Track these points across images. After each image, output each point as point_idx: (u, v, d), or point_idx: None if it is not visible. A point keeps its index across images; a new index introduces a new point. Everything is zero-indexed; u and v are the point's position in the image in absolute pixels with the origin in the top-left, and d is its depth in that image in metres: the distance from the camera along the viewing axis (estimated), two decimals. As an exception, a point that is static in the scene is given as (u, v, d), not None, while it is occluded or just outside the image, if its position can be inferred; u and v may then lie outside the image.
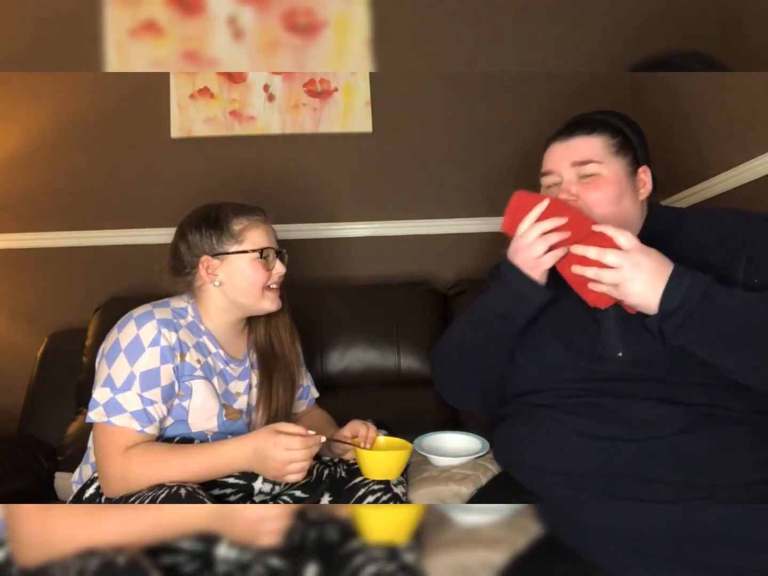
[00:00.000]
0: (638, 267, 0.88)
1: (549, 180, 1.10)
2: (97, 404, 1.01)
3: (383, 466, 1.06)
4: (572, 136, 1.08)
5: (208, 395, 1.10)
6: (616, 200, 1.03)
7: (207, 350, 1.15)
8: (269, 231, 1.19)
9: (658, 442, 0.90)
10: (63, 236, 1.92)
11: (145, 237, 1.91)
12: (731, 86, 1.52)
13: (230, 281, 1.14)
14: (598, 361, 0.98)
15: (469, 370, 1.13)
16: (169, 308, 1.12)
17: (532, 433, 1.02)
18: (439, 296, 1.83)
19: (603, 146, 1.06)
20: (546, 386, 1.03)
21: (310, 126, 1.96)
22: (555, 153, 1.10)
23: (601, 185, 1.03)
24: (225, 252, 1.14)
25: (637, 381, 0.95)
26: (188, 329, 1.12)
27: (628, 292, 0.89)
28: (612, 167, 1.05)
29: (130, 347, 1.03)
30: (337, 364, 1.70)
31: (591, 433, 0.94)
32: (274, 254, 1.17)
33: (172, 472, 0.95)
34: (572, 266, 0.96)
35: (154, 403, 1.02)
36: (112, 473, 0.98)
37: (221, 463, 0.98)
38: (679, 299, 0.86)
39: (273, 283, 1.17)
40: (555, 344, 1.03)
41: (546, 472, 0.98)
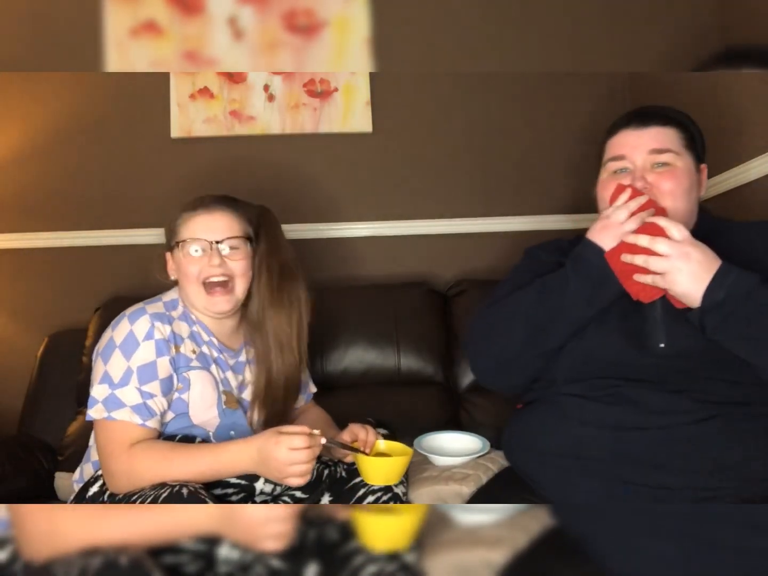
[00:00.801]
0: (687, 257, 0.90)
1: (617, 165, 1.08)
2: (96, 401, 1.01)
3: (384, 473, 1.05)
4: (648, 125, 1.07)
5: (206, 385, 1.10)
6: (687, 192, 1.05)
7: (201, 339, 1.14)
8: (207, 221, 1.11)
9: (674, 431, 0.91)
10: (63, 236, 1.91)
11: (145, 237, 1.91)
12: (731, 86, 1.53)
13: (179, 277, 1.14)
14: (639, 351, 0.99)
15: (532, 351, 1.08)
16: (161, 302, 1.12)
17: (548, 418, 1.02)
18: (439, 296, 1.83)
19: (678, 138, 1.06)
20: (582, 376, 1.02)
21: (310, 126, 1.96)
22: (628, 139, 1.08)
23: (676, 175, 1.04)
24: (170, 247, 1.16)
25: (672, 373, 0.96)
26: (181, 320, 1.12)
27: (674, 280, 0.90)
28: (685, 160, 1.06)
29: (124, 343, 1.03)
30: (337, 364, 1.70)
31: (609, 421, 0.95)
32: (210, 247, 1.09)
33: (176, 470, 0.95)
34: (622, 255, 0.97)
35: (153, 396, 1.02)
36: (115, 468, 0.97)
37: (226, 464, 0.97)
38: (723, 295, 0.87)
39: (206, 278, 1.09)
40: (601, 334, 1.04)
41: (554, 455, 0.98)
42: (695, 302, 0.91)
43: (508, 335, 1.08)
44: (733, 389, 0.93)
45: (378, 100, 1.97)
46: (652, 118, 1.08)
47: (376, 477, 1.05)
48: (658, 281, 0.93)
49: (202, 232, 1.10)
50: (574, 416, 0.98)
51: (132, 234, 1.92)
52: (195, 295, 1.11)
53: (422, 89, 2.00)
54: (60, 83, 1.93)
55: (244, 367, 1.20)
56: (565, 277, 1.04)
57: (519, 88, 2.01)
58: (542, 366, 1.09)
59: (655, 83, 1.89)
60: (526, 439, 1.06)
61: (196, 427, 1.09)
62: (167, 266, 1.17)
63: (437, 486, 1.12)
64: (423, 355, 1.71)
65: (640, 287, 0.97)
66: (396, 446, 1.12)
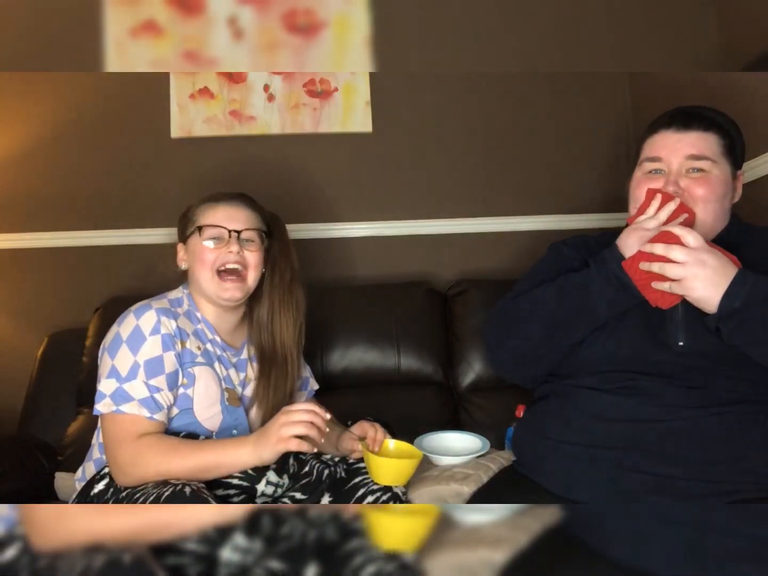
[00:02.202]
0: (703, 264, 0.90)
1: (653, 166, 1.09)
2: (104, 395, 1.02)
3: (393, 473, 1.04)
4: (689, 128, 1.07)
5: (210, 381, 1.11)
6: (719, 200, 1.05)
7: (205, 337, 1.16)
8: (229, 212, 1.15)
9: (688, 423, 0.92)
10: (63, 236, 1.91)
11: (145, 237, 1.90)
12: (731, 86, 1.53)
13: (191, 265, 1.17)
14: (657, 348, 1.00)
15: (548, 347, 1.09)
16: (166, 299, 1.14)
17: (562, 408, 1.04)
18: (439, 296, 1.83)
19: (717, 145, 1.06)
20: (599, 370, 1.03)
21: (310, 126, 1.96)
22: (667, 142, 1.08)
23: (710, 182, 1.04)
24: (185, 236, 1.18)
25: (690, 370, 0.97)
26: (186, 317, 1.14)
27: (691, 286, 0.91)
28: (722, 167, 1.06)
29: (131, 337, 1.04)
30: (337, 364, 1.70)
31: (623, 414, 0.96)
32: (229, 236, 1.13)
33: (181, 461, 0.96)
34: (639, 263, 0.98)
35: (160, 390, 1.03)
36: (123, 460, 0.98)
37: (230, 453, 0.98)
38: (739, 301, 0.88)
39: (222, 265, 1.13)
40: (622, 331, 1.04)
41: (564, 443, 0.99)
42: (712, 308, 0.91)
43: (525, 330, 1.10)
44: (752, 388, 0.95)
45: (378, 100, 1.97)
46: (694, 121, 1.07)
47: (385, 477, 1.05)
48: (675, 288, 0.94)
49: (224, 221, 1.14)
50: (589, 407, 1.00)
51: (132, 234, 1.92)
52: (207, 281, 1.13)
53: (422, 89, 2.00)
54: (60, 83, 1.92)
55: (246, 364, 1.22)
56: (588, 277, 1.05)
57: (519, 88, 2.01)
58: (559, 360, 1.11)
59: (655, 83, 1.89)
60: (538, 425, 1.07)
61: (200, 426, 1.09)
62: (177, 257, 1.20)
63: (438, 486, 1.12)
64: (423, 355, 1.71)
65: (659, 294, 0.98)
66: (405, 447, 1.12)
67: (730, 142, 1.08)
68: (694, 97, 1.66)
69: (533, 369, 1.14)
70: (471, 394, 1.69)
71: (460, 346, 1.73)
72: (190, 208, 1.21)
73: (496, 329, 1.17)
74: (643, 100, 1.97)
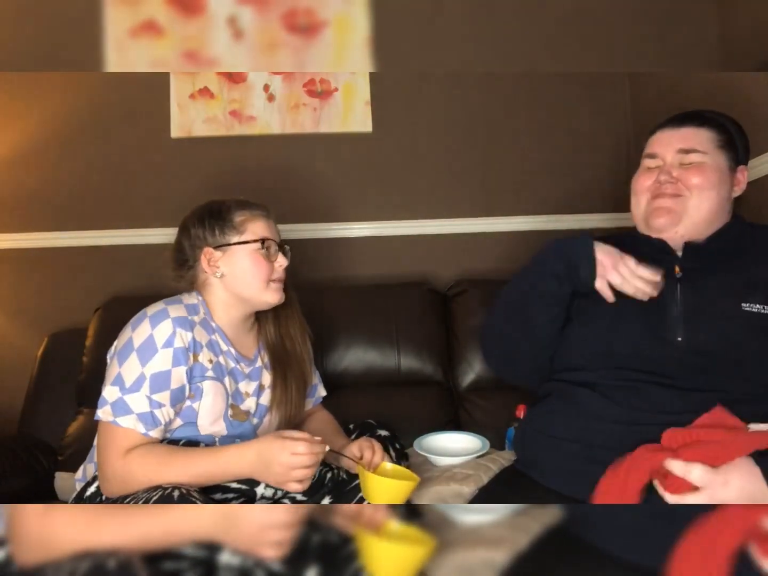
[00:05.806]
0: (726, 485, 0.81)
1: (651, 162, 1.15)
2: (106, 402, 1.01)
3: (388, 494, 1.00)
4: (682, 126, 1.13)
5: (217, 396, 1.10)
6: (715, 186, 1.08)
7: (219, 348, 1.14)
8: (271, 225, 1.19)
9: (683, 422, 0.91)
10: (63, 236, 1.91)
11: (145, 237, 1.91)
12: (731, 86, 1.53)
13: (232, 273, 1.14)
14: (656, 344, 1.01)
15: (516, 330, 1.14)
16: (182, 304, 1.11)
17: (564, 410, 1.04)
18: (439, 296, 1.83)
19: (710, 139, 1.10)
20: (599, 366, 1.04)
21: (310, 126, 1.96)
22: (662, 138, 1.14)
23: (703, 170, 1.08)
24: (227, 243, 1.14)
25: (689, 368, 0.97)
26: (201, 326, 1.12)
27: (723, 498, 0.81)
28: (715, 158, 1.09)
29: (143, 347, 1.03)
30: (337, 364, 1.70)
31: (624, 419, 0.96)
32: (276, 247, 1.17)
33: (173, 474, 0.95)
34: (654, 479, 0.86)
35: (162, 406, 1.02)
36: (111, 474, 0.97)
37: (223, 467, 0.97)
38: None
39: (276, 275, 1.16)
40: (620, 325, 1.05)
41: (566, 441, 1.00)
42: None
43: (498, 323, 1.19)
44: (749, 386, 0.95)
45: (378, 100, 1.97)
46: (686, 120, 1.13)
47: (379, 497, 1.01)
48: None
49: (274, 234, 1.18)
50: (589, 407, 1.00)
51: (132, 234, 1.92)
52: (257, 290, 1.15)
53: (422, 89, 2.00)
54: (60, 83, 1.93)
55: (261, 372, 1.21)
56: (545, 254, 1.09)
57: (519, 88, 2.01)
58: (546, 356, 1.14)
59: (655, 83, 1.89)
60: (540, 423, 1.07)
61: (202, 436, 1.08)
62: (208, 262, 1.14)
63: (438, 486, 1.12)
64: (423, 354, 1.71)
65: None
66: (402, 471, 1.08)
67: (728, 137, 1.11)
68: (694, 98, 1.67)
69: (521, 367, 1.19)
70: (471, 394, 1.69)
71: (460, 346, 1.73)
72: (221, 212, 1.16)
73: (483, 331, 1.25)
74: (643, 101, 1.97)
